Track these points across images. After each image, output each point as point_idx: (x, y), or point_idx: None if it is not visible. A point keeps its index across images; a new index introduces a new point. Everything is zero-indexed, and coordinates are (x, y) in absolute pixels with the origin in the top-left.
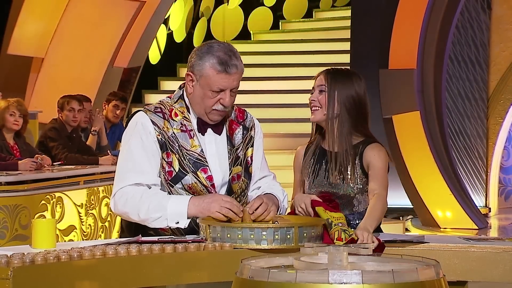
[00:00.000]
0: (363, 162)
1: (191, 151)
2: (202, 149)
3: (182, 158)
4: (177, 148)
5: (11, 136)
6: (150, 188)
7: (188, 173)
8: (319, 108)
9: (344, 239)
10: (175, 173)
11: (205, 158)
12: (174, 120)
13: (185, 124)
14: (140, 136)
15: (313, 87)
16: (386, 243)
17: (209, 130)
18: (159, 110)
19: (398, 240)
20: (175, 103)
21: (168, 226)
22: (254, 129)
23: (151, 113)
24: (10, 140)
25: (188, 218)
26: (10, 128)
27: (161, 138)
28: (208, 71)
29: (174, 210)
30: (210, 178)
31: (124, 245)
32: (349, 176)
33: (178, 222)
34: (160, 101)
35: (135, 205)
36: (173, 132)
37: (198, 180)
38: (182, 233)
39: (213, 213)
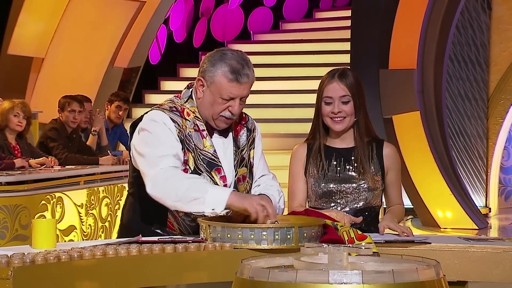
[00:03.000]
0: (384, 161)
1: (204, 151)
2: (215, 150)
3: (197, 158)
4: (193, 147)
5: (13, 136)
6: None
7: (202, 172)
8: (345, 118)
9: (355, 238)
10: (190, 171)
11: (218, 159)
12: (187, 119)
13: (197, 124)
14: (165, 130)
15: (327, 97)
16: (390, 243)
17: (216, 134)
18: (174, 108)
19: (402, 240)
20: (185, 102)
21: (202, 212)
22: (256, 131)
23: (169, 112)
24: (12, 140)
25: (225, 207)
26: (13, 129)
27: (180, 136)
28: (220, 79)
29: (214, 196)
30: (223, 178)
31: (124, 245)
32: (363, 172)
33: (214, 209)
34: (170, 100)
35: (175, 184)
36: (189, 131)
37: (212, 180)
38: (190, 232)
39: (250, 203)
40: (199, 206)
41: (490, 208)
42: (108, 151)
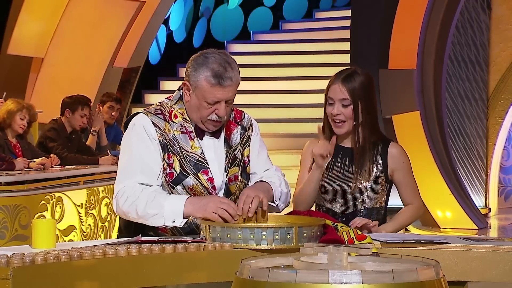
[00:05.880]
0: (388, 161)
1: (191, 153)
2: (202, 151)
3: (183, 160)
4: (178, 149)
5: (13, 135)
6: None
7: (189, 175)
8: (344, 122)
9: (354, 238)
10: (176, 174)
11: (206, 160)
12: (174, 122)
13: (185, 126)
14: (142, 138)
15: (329, 97)
16: (408, 243)
17: (207, 134)
18: (159, 112)
19: (421, 241)
20: (174, 104)
21: (164, 225)
22: (252, 128)
23: (152, 115)
24: (12, 138)
25: (184, 217)
26: (16, 130)
27: (162, 140)
28: (203, 83)
29: (170, 208)
30: (211, 180)
31: (124, 245)
32: (366, 172)
33: (174, 221)
34: (159, 102)
35: (134, 202)
36: (174, 134)
37: (199, 182)
38: (181, 233)
39: (209, 213)
40: (160, 220)
41: (489, 208)
42: (108, 151)
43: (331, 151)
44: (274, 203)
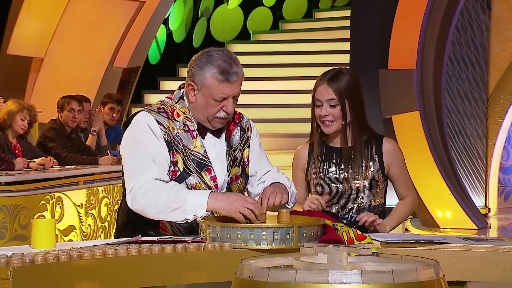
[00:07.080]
0: (384, 157)
1: (194, 151)
2: (205, 150)
3: (186, 158)
4: (182, 148)
5: (13, 136)
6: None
7: (193, 173)
8: (333, 122)
9: (354, 238)
10: (179, 172)
11: (209, 159)
12: (176, 120)
13: (187, 124)
14: (148, 134)
15: (317, 99)
16: (408, 243)
17: (209, 134)
18: (162, 110)
19: (420, 241)
20: (176, 103)
21: (185, 219)
22: (251, 130)
23: (155, 113)
24: (12, 139)
25: (207, 211)
26: (16, 130)
27: (167, 138)
28: (210, 81)
29: (193, 202)
30: (214, 178)
31: (123, 245)
32: (363, 171)
33: (195, 215)
34: (161, 101)
35: (154, 197)
36: (178, 132)
37: (202, 180)
38: (183, 233)
39: (235, 212)
40: (180, 214)
41: (489, 208)
42: (108, 151)
43: (324, 207)
44: (289, 204)
